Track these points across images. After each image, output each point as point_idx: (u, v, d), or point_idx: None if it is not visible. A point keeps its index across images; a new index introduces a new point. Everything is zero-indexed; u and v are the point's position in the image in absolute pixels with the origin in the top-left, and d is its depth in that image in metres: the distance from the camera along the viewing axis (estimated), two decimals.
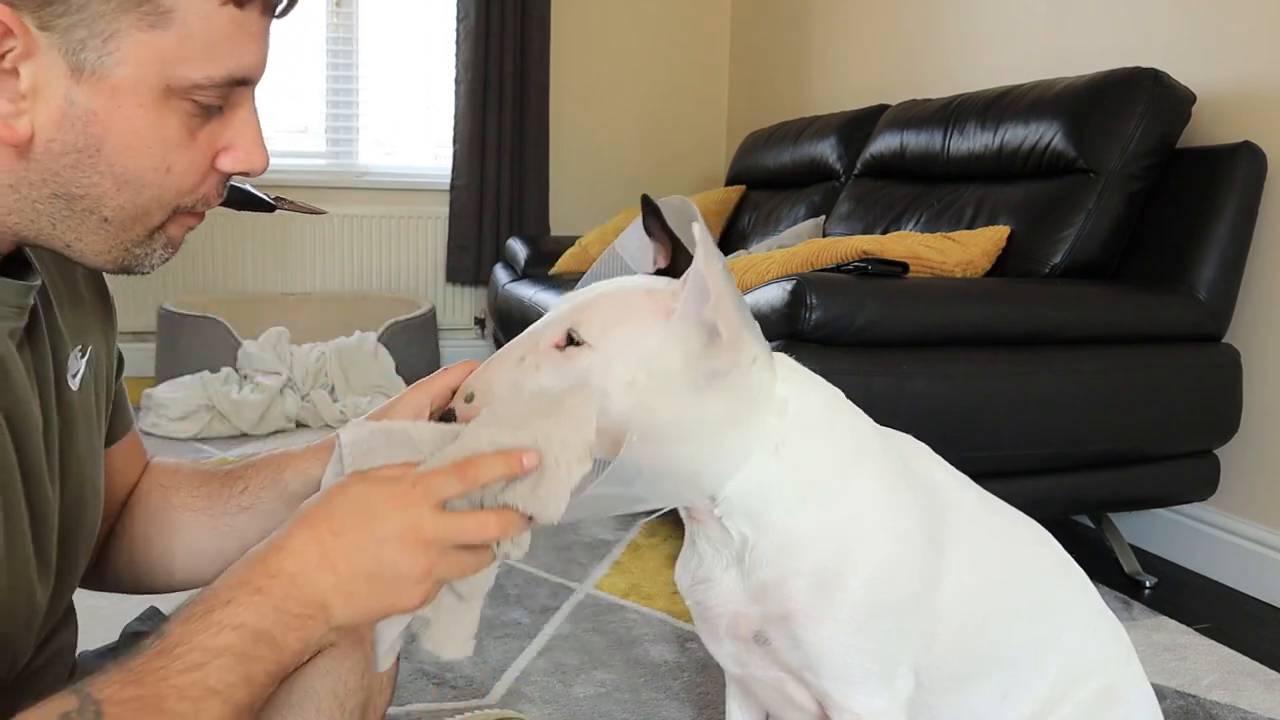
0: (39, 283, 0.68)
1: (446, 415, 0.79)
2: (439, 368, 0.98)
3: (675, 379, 0.76)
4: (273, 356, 3.11)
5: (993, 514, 0.95)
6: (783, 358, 0.85)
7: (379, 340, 3.30)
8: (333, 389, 3.14)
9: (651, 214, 0.86)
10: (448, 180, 3.81)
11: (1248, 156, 1.94)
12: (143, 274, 0.68)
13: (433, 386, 0.82)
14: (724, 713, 1.08)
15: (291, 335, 3.21)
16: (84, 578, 0.84)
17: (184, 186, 0.64)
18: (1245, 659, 1.68)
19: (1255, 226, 1.97)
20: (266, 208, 0.79)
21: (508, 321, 3.19)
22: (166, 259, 0.68)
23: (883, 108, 2.89)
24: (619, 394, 0.75)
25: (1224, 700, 1.53)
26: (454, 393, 0.81)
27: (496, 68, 3.72)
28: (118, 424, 0.89)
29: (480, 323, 4.00)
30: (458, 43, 3.71)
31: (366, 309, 3.60)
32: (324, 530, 0.64)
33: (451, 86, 3.73)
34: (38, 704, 0.56)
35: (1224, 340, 1.99)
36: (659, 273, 0.87)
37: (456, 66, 3.71)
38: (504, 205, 3.81)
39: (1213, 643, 1.74)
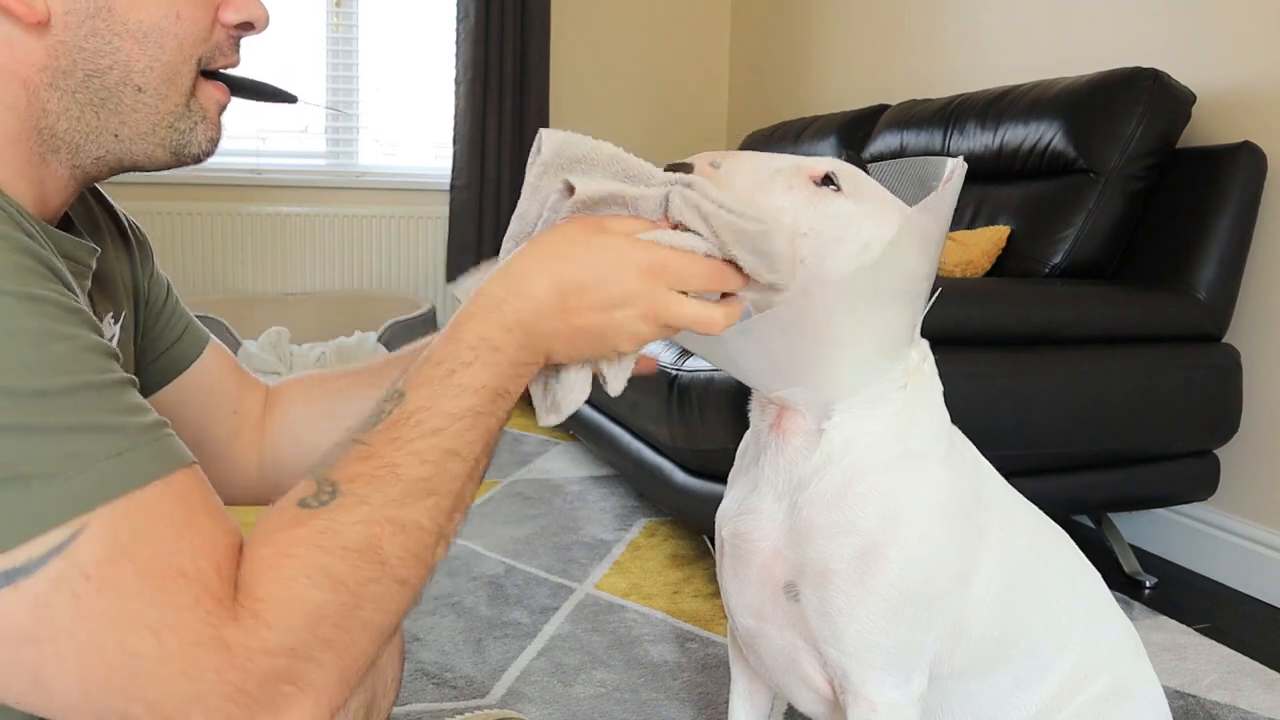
0: (99, 250, 0.71)
1: (674, 170, 0.76)
2: None
3: (891, 273, 0.79)
4: (273, 356, 3.11)
5: (1024, 510, 0.96)
6: None
7: (379, 340, 3.30)
8: None
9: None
10: (448, 180, 3.81)
11: (1248, 156, 1.94)
12: (195, 159, 0.70)
13: None
14: (724, 713, 1.08)
15: (291, 335, 3.22)
16: (236, 497, 0.91)
17: (198, 32, 0.67)
18: (1245, 659, 1.68)
19: (1255, 226, 1.97)
20: (288, 99, 0.82)
21: None
22: (212, 141, 0.71)
23: (883, 108, 2.89)
24: (849, 250, 0.78)
25: (1224, 700, 1.53)
26: None
27: (496, 68, 3.72)
28: (189, 342, 0.91)
29: None
30: (458, 43, 3.70)
31: (366, 309, 3.60)
32: (567, 281, 0.65)
33: (451, 86, 3.73)
34: (279, 500, 0.58)
35: (1224, 340, 1.99)
36: None
37: (456, 66, 3.71)
38: (504, 205, 3.81)
39: (1213, 643, 1.74)
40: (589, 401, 2.54)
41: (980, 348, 1.74)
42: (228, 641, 0.51)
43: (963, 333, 1.73)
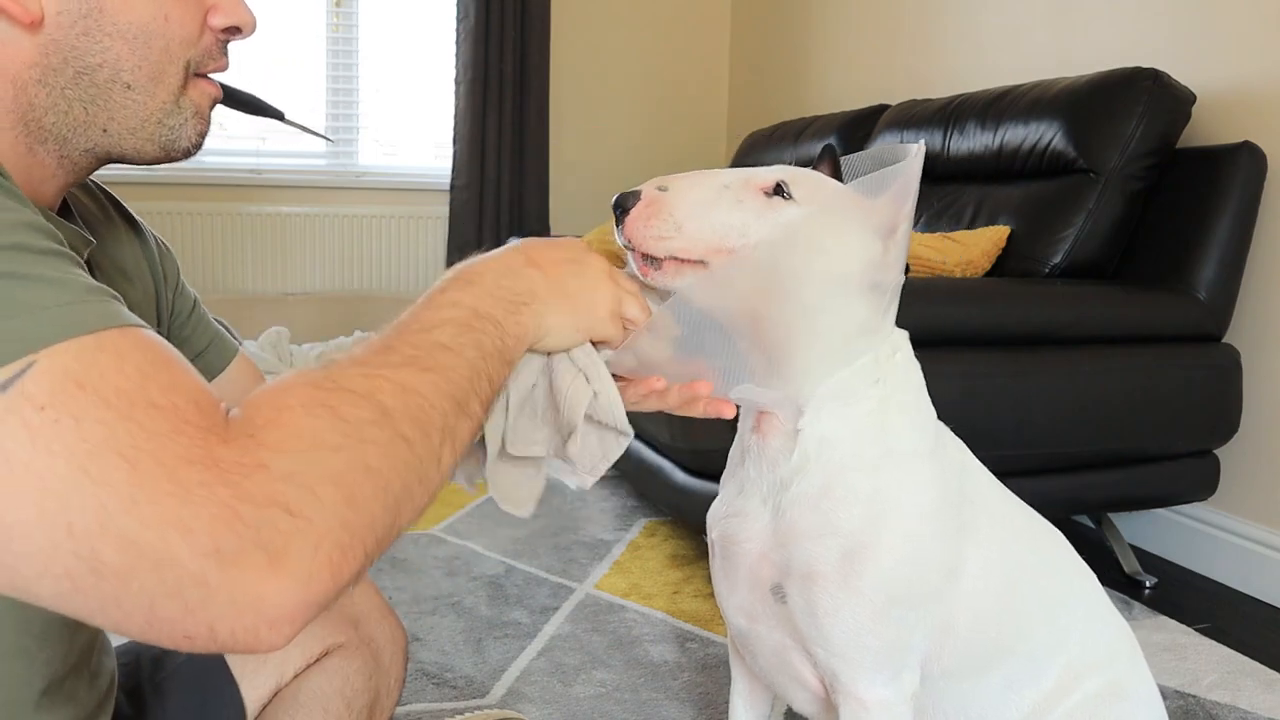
0: (94, 242, 0.73)
1: (622, 198, 0.77)
2: None
3: (850, 269, 0.78)
4: (273, 356, 3.11)
5: (1015, 509, 0.96)
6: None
7: None
8: None
9: (827, 163, 0.89)
10: (448, 180, 3.81)
11: (1248, 156, 1.94)
12: (184, 154, 0.71)
13: None
14: (724, 713, 1.08)
15: (291, 335, 3.21)
16: None
17: (186, 35, 0.68)
18: (1245, 659, 1.68)
19: (1255, 226, 1.97)
20: (276, 114, 0.86)
21: None
22: (201, 134, 0.72)
23: (883, 108, 2.89)
24: (803, 252, 0.77)
25: (1224, 700, 1.53)
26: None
27: (496, 68, 3.72)
28: (214, 356, 0.92)
29: None
30: (458, 43, 3.70)
31: (366, 309, 3.60)
32: (526, 249, 0.71)
33: (451, 86, 3.73)
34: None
35: (1224, 340, 1.99)
36: None
37: (456, 66, 3.71)
38: (504, 205, 3.81)
39: (1213, 643, 1.74)
40: None
41: (980, 348, 1.74)
42: (219, 459, 0.46)
43: (963, 333, 1.73)
